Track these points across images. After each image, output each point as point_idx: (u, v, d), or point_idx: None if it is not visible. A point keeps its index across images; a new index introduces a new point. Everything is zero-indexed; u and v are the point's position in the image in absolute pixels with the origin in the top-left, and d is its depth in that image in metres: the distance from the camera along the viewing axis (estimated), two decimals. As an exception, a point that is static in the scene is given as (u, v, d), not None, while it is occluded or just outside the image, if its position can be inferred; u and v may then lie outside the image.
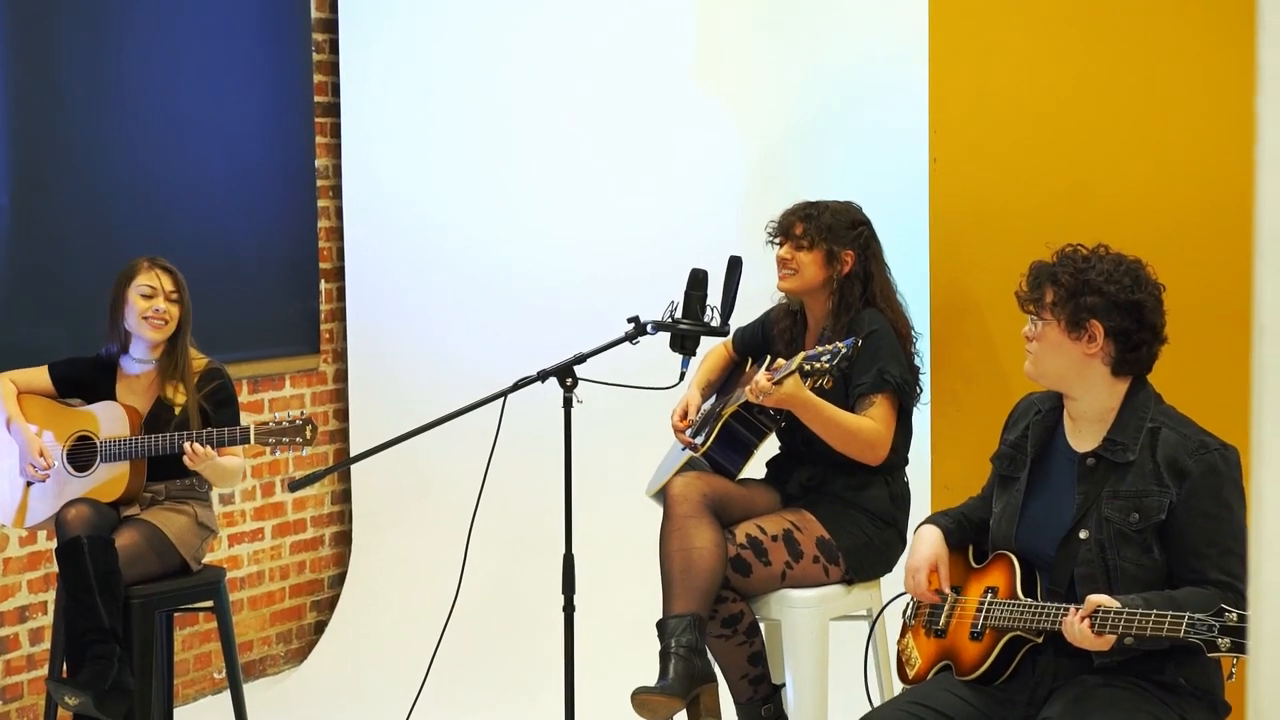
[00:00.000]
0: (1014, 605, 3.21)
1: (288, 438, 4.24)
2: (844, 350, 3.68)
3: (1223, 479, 3.12)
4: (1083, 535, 3.18)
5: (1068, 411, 3.29)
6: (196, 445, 4.23)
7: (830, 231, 4.04)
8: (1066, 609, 3.08)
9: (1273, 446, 1.11)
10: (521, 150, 5.83)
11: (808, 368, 3.72)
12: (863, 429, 3.92)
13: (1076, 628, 3.03)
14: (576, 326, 5.31)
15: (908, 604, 3.54)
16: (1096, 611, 3.01)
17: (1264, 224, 1.07)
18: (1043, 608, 3.15)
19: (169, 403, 4.41)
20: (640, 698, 3.75)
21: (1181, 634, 2.92)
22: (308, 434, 4.24)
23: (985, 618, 3.27)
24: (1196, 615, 2.91)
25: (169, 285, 4.40)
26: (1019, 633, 3.21)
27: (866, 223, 4.11)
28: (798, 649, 3.95)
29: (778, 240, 4.11)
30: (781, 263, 4.09)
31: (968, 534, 3.46)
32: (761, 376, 3.80)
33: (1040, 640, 3.20)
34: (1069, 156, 4.08)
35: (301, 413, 4.30)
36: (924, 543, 3.43)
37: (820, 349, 3.74)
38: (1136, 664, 3.12)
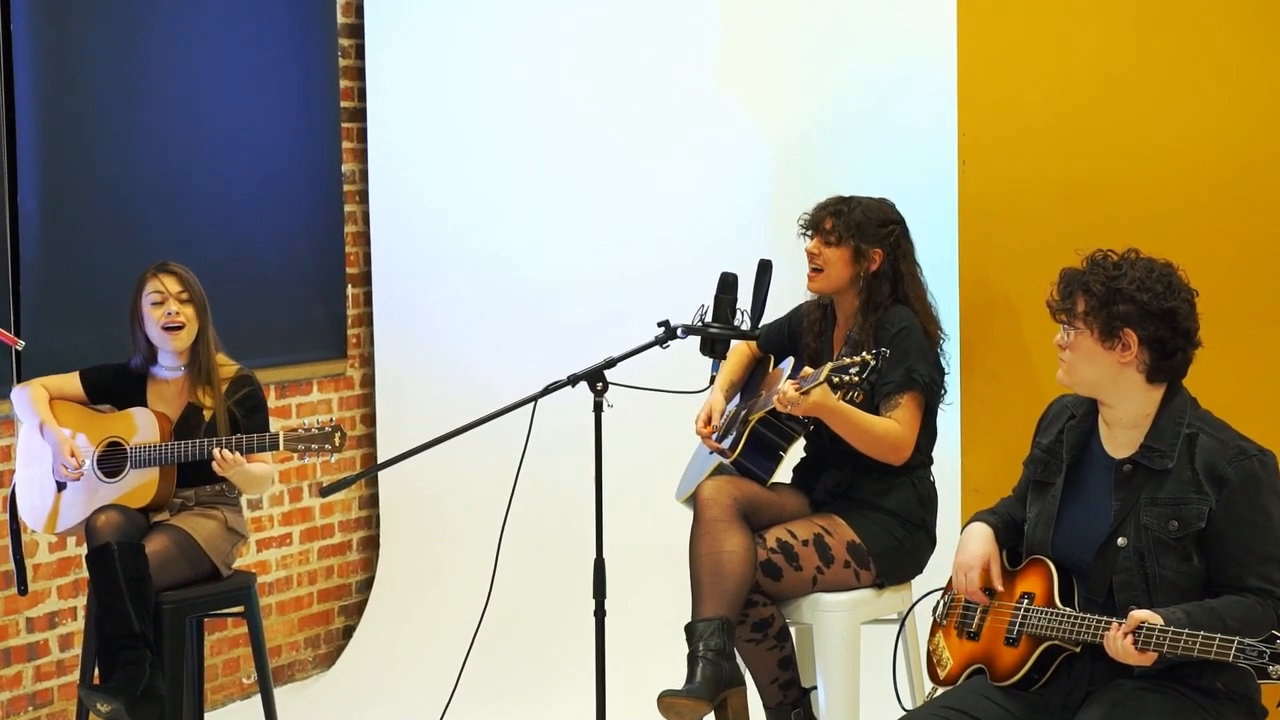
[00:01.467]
0: (1053, 614, 3.18)
1: (317, 444, 4.24)
2: (872, 363, 3.65)
3: (1262, 485, 3.09)
4: (1121, 543, 3.16)
5: (1103, 417, 3.26)
6: (225, 451, 4.24)
7: (859, 228, 4.03)
8: (1109, 623, 3.06)
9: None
10: (547, 154, 5.83)
11: (836, 380, 3.70)
12: (889, 432, 3.92)
13: (1119, 643, 3.00)
14: (603, 330, 5.31)
15: (938, 602, 3.52)
16: (1140, 628, 2.99)
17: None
18: (1083, 619, 3.12)
19: (199, 406, 4.42)
20: (667, 701, 3.74)
21: (1230, 658, 2.89)
22: (337, 440, 4.24)
23: (1022, 624, 3.24)
24: (1247, 641, 2.88)
25: (175, 287, 4.40)
26: (1057, 641, 3.18)
27: (899, 221, 4.10)
28: (829, 653, 3.93)
29: (808, 233, 4.11)
30: (810, 256, 4.09)
31: (1012, 535, 3.43)
32: (789, 386, 3.79)
33: (1078, 650, 3.18)
34: (1099, 158, 4.06)
35: (331, 419, 4.29)
36: (975, 540, 3.39)
37: (848, 360, 3.71)
38: (1173, 669, 3.09)
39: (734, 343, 4.18)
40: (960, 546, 3.41)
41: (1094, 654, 3.15)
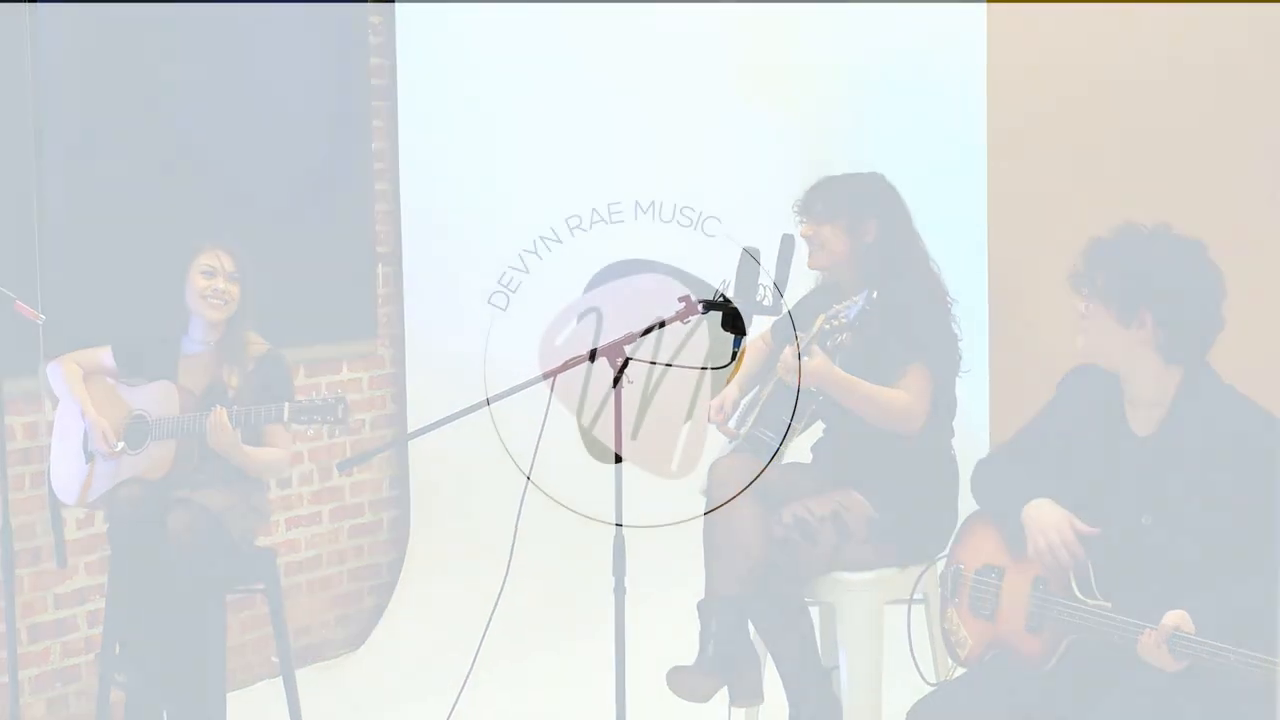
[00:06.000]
0: (1081, 608, 3.08)
1: (320, 415, 4.23)
2: (860, 303, 3.61)
3: (1284, 460, 3.02)
4: (1145, 521, 3.09)
5: (1124, 393, 3.20)
6: (216, 417, 4.20)
7: (849, 202, 3.97)
8: (1143, 627, 2.96)
9: None
10: (577, 132, 5.80)
11: (828, 326, 3.67)
12: (896, 399, 3.84)
13: (1154, 651, 2.92)
14: (634, 306, 5.28)
15: (943, 574, 3.45)
16: (1174, 637, 2.90)
17: None
18: (1116, 620, 3.02)
19: (224, 385, 4.42)
20: (678, 677, 3.71)
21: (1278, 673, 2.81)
22: (340, 412, 4.23)
23: (1046, 614, 3.15)
24: None
25: (229, 265, 4.42)
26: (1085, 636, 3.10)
27: (888, 191, 4.02)
28: (851, 633, 3.88)
29: (801, 220, 4.05)
30: (808, 241, 4.03)
31: None
32: (787, 351, 3.75)
33: None
34: (1129, 132, 4.00)
35: (337, 392, 4.29)
36: (1048, 507, 3.19)
37: (837, 307, 3.69)
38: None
39: (766, 322, 4.13)
40: (1033, 520, 3.20)
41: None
